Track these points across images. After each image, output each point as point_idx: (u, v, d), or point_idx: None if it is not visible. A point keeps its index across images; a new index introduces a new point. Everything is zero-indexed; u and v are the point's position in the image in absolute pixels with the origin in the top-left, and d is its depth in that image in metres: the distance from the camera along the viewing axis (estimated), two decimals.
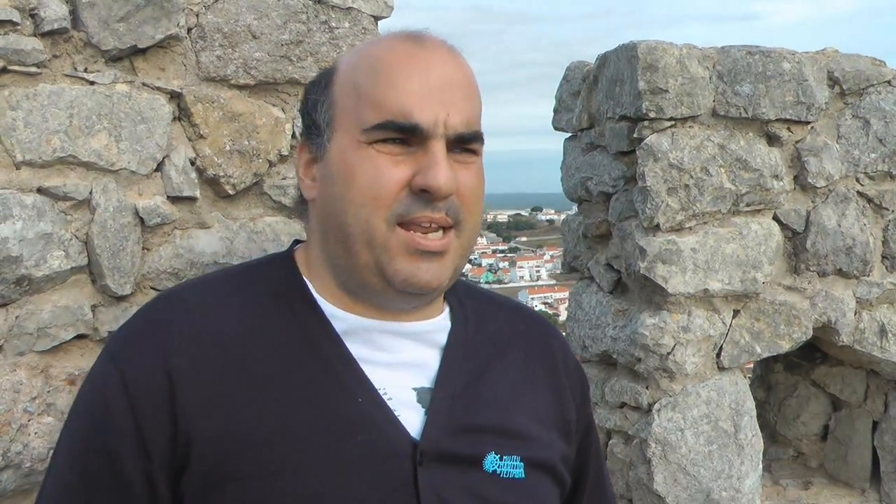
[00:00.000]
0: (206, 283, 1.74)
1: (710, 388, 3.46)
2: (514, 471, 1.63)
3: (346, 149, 1.57)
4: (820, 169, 3.58)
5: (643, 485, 3.42)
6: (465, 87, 1.58)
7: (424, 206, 1.52)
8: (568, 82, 3.97)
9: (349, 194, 1.55)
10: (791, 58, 3.49)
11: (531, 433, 1.70)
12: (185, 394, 1.49)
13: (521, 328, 1.85)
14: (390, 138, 1.53)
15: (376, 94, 1.55)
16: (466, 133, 1.56)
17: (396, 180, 1.52)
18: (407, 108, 1.52)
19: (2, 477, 2.03)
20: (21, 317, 2.06)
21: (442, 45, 1.60)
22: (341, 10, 2.44)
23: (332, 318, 1.61)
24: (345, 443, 1.51)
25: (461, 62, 1.61)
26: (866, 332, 3.73)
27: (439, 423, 1.58)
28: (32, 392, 2.06)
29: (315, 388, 1.54)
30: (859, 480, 4.09)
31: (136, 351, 1.54)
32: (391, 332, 1.63)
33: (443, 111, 1.53)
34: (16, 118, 2.02)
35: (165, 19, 2.19)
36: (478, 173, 1.61)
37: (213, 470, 1.47)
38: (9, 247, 1.99)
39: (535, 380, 1.78)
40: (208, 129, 2.27)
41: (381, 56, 1.59)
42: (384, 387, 1.58)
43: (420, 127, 1.52)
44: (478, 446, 1.61)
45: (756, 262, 3.49)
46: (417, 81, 1.54)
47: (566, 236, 4.12)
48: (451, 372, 1.65)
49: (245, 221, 2.36)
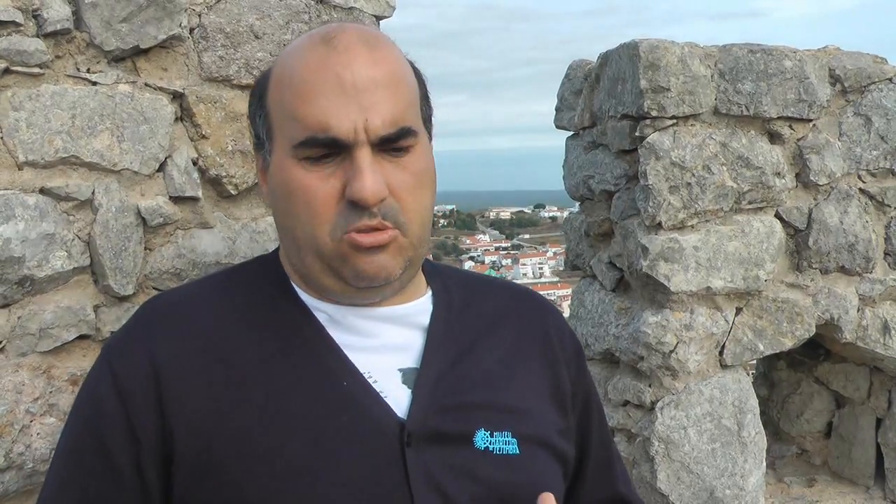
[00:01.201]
0: (194, 284, 1.78)
1: (712, 385, 3.46)
2: (506, 447, 1.61)
3: (282, 165, 1.56)
4: (822, 166, 3.58)
5: (647, 483, 3.43)
6: (385, 85, 1.53)
7: (361, 216, 1.50)
8: (570, 81, 3.97)
9: (292, 211, 1.55)
10: (792, 56, 3.50)
11: (524, 408, 1.69)
12: (170, 384, 1.51)
13: (512, 305, 1.84)
14: (317, 153, 1.52)
15: (296, 109, 1.53)
16: (391, 133, 1.52)
17: (329, 195, 1.51)
18: (324, 122, 1.50)
19: (4, 478, 2.03)
20: (23, 317, 2.06)
21: (357, 42, 1.55)
22: (343, 10, 2.45)
23: (313, 310, 1.62)
24: (332, 425, 1.52)
25: (381, 56, 1.56)
26: (869, 329, 3.73)
27: (425, 401, 1.58)
28: (35, 393, 2.07)
29: (299, 374, 1.55)
30: (863, 477, 4.10)
31: (124, 347, 1.58)
32: (371, 317, 1.63)
33: (361, 116, 1.50)
34: (18, 119, 2.03)
35: (168, 20, 2.19)
36: (414, 167, 1.57)
37: (199, 457, 1.48)
38: (11, 247, 2.00)
39: (527, 355, 1.77)
40: (210, 129, 2.28)
41: (296, 67, 1.56)
42: (369, 370, 1.58)
43: (338, 139, 1.49)
44: (467, 423, 1.60)
45: (758, 260, 3.49)
46: (331, 90, 1.50)
47: (568, 234, 4.12)
48: (436, 351, 1.65)
49: (247, 221, 2.36)
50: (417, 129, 1.58)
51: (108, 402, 1.53)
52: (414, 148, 1.58)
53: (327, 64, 1.52)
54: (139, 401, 1.51)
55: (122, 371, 1.54)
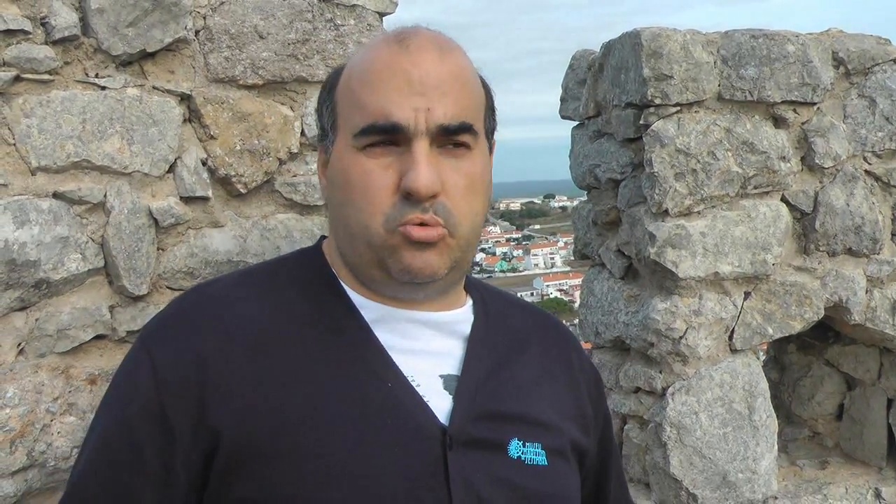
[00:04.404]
0: (236, 276, 1.78)
1: (723, 370, 3.48)
2: (536, 458, 1.65)
3: (343, 154, 1.59)
4: (827, 149, 3.59)
5: (660, 469, 3.45)
6: (452, 82, 1.57)
7: (414, 208, 1.52)
8: (573, 71, 3.99)
9: (348, 199, 1.57)
10: (795, 40, 3.50)
11: (551, 422, 1.73)
12: (216, 377, 1.51)
13: (538, 327, 1.88)
14: (378, 142, 1.55)
15: (362, 98, 1.56)
16: (451, 125, 1.55)
17: (386, 186, 1.54)
18: (387, 109, 1.53)
19: (27, 476, 2.07)
20: (41, 319, 2.10)
21: (429, 44, 1.59)
22: (346, 8, 2.47)
23: (360, 308, 1.64)
24: (375, 426, 1.53)
25: (451, 58, 1.59)
26: (878, 309, 3.74)
27: (466, 408, 1.61)
28: (54, 392, 2.10)
29: (344, 373, 1.57)
30: (875, 458, 4.10)
31: (166, 337, 1.58)
32: (416, 321, 1.65)
33: (423, 105, 1.53)
34: (30, 125, 2.06)
35: (173, 23, 2.22)
36: (471, 170, 1.60)
37: (241, 452, 1.49)
38: (27, 251, 2.03)
39: (552, 374, 1.81)
40: (218, 129, 2.31)
41: (368, 61, 1.59)
42: (412, 374, 1.60)
43: (399, 125, 1.52)
44: (502, 433, 1.64)
45: (765, 244, 3.50)
46: (398, 83, 1.54)
47: (577, 224, 4.14)
48: (476, 361, 1.68)
49: (257, 219, 2.39)
50: (478, 130, 1.62)
51: (144, 391, 1.53)
52: (472, 150, 1.61)
53: (398, 60, 1.56)
54: (177, 392, 1.51)
55: (164, 360, 1.54)
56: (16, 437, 2.04)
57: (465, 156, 1.59)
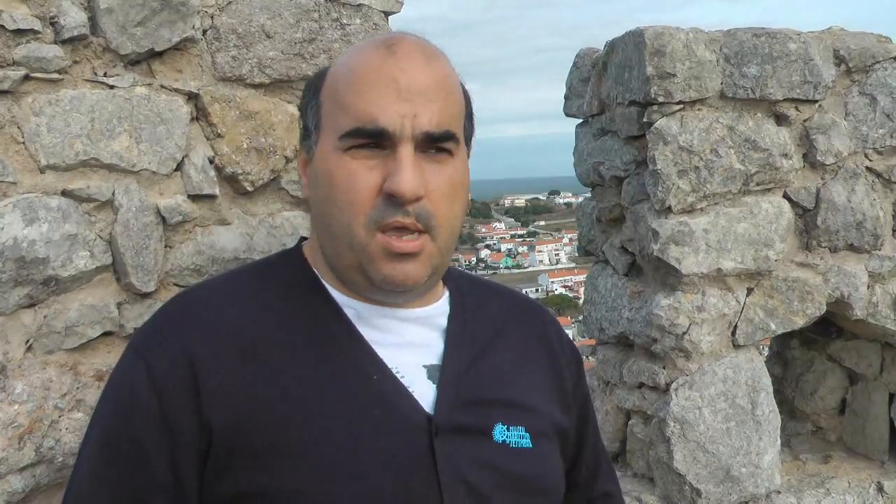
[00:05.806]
0: (220, 280, 1.81)
1: (726, 365, 3.49)
2: (521, 440, 1.70)
3: (327, 154, 1.62)
4: (828, 146, 3.60)
5: (663, 464, 3.47)
6: (437, 90, 1.60)
7: (395, 211, 1.55)
8: (578, 69, 4.00)
9: (331, 199, 1.60)
10: (797, 38, 3.51)
11: (534, 405, 1.78)
12: (207, 377, 1.55)
13: (516, 310, 1.93)
14: (363, 144, 1.57)
15: (348, 101, 1.59)
16: (436, 132, 1.58)
17: (370, 186, 1.56)
18: (374, 113, 1.55)
19: (36, 471, 2.08)
20: (49, 316, 2.11)
21: (416, 51, 1.61)
22: (352, 7, 2.49)
23: (342, 306, 1.68)
24: (362, 417, 1.57)
25: (436, 66, 1.62)
26: (879, 305, 3.76)
27: (450, 396, 1.65)
28: (62, 389, 2.12)
29: (331, 369, 1.60)
30: (878, 452, 4.11)
31: (158, 343, 1.61)
32: (396, 317, 1.70)
33: (410, 112, 1.55)
34: (39, 124, 2.08)
35: (181, 22, 2.24)
36: (452, 176, 1.63)
37: (236, 449, 1.52)
38: (36, 248, 2.05)
39: (532, 356, 1.86)
40: (226, 127, 2.32)
41: (356, 64, 1.62)
42: (396, 365, 1.65)
43: (386, 130, 1.55)
44: (486, 418, 1.68)
45: (768, 241, 3.52)
46: (385, 88, 1.56)
47: (581, 220, 4.16)
48: (456, 350, 1.72)
49: (264, 217, 2.41)
50: (460, 137, 1.65)
51: (141, 395, 1.55)
52: (454, 156, 1.64)
53: (385, 65, 1.59)
54: (174, 395, 1.54)
55: (157, 364, 1.57)
56: (24, 434, 2.06)
57: (447, 161, 1.63)
